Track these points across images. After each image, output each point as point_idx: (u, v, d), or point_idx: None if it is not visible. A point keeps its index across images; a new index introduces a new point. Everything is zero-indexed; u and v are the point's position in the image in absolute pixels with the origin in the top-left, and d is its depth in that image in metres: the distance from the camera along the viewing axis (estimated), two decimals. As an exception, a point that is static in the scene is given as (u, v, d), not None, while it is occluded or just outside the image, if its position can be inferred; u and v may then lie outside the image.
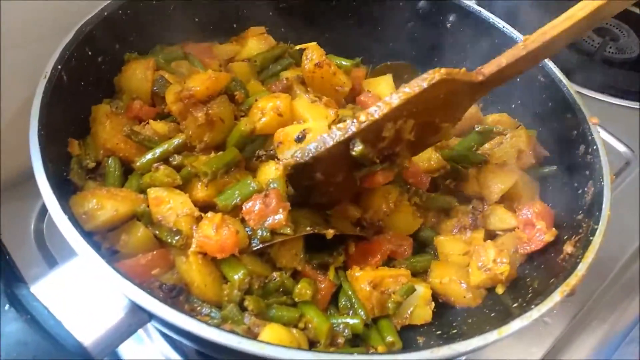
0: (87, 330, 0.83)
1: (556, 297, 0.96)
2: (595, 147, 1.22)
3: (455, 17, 1.57)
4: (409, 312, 1.18)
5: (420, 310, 1.19)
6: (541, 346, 1.40)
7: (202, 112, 1.20)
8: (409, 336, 1.19)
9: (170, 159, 1.19)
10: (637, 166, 1.83)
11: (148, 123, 1.25)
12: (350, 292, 1.17)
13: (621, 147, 1.89)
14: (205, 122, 1.20)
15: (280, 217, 1.08)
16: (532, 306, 0.94)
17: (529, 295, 1.10)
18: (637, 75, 2.14)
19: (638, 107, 2.04)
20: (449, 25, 1.59)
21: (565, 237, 1.17)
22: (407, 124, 1.09)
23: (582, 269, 1.01)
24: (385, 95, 1.44)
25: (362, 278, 1.17)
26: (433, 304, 1.21)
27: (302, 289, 1.10)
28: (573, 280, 0.99)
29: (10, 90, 1.35)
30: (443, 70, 1.04)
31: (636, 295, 1.55)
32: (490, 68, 1.12)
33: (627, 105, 2.05)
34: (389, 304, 1.15)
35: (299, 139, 1.18)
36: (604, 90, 2.08)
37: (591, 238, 1.06)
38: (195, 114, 1.20)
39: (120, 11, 1.33)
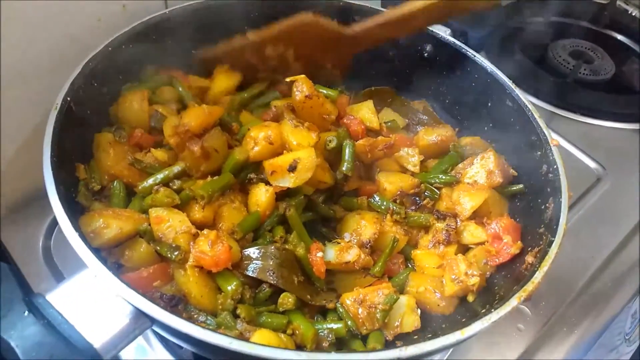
0: (96, 334, 0.92)
1: (514, 302, 1.06)
2: (555, 167, 1.33)
3: (431, 47, 1.70)
4: (398, 321, 1.24)
5: (409, 318, 1.25)
6: (515, 351, 1.49)
7: (197, 146, 1.29)
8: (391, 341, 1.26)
9: (170, 184, 1.28)
10: (608, 182, 1.94)
11: (149, 151, 1.35)
12: (341, 310, 1.24)
13: (593, 164, 2.00)
14: (201, 154, 1.29)
15: None
16: (492, 310, 1.04)
17: (495, 302, 1.18)
18: (610, 96, 2.25)
19: (609, 125, 2.17)
20: (426, 54, 1.72)
21: (528, 249, 1.28)
22: (288, 51, 1.51)
23: (538, 277, 1.11)
24: (366, 118, 1.56)
25: (345, 297, 1.25)
26: (419, 310, 1.28)
27: (285, 298, 1.19)
28: (529, 287, 1.09)
29: (20, 118, 1.45)
30: (310, 17, 1.43)
31: (606, 303, 1.64)
32: (358, 27, 1.50)
33: (599, 124, 2.17)
34: (377, 315, 1.21)
35: (292, 168, 1.27)
36: (578, 110, 2.20)
37: (548, 249, 1.17)
38: (191, 148, 1.29)
39: (123, 46, 1.44)
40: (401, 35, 1.60)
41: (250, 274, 1.20)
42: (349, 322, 1.21)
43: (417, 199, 1.47)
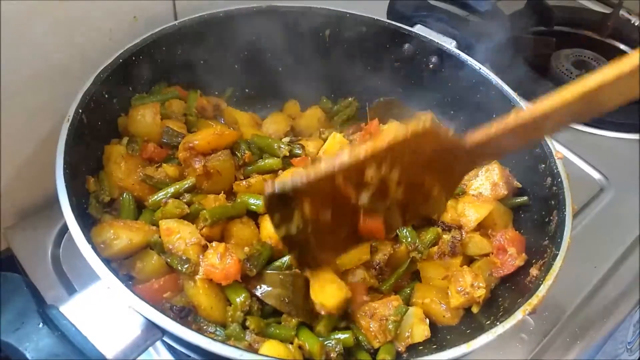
0: (109, 345, 0.94)
1: (519, 315, 1.07)
2: (559, 180, 1.34)
3: (436, 58, 1.72)
4: (408, 332, 1.25)
5: (418, 328, 1.26)
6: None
7: (200, 164, 1.31)
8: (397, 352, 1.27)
9: (181, 198, 1.30)
10: (610, 193, 1.94)
11: (160, 165, 1.37)
12: (352, 326, 1.25)
13: (596, 175, 2.00)
14: (202, 173, 1.31)
15: None
16: (497, 323, 1.06)
17: (500, 314, 1.21)
18: (612, 106, 2.26)
19: (613, 136, 2.17)
20: (431, 66, 1.73)
21: (533, 261, 1.29)
22: (392, 174, 1.06)
23: (542, 290, 1.12)
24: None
25: (355, 311, 1.25)
26: (428, 320, 1.29)
27: (288, 320, 1.20)
28: (534, 300, 1.10)
29: (29, 129, 1.47)
30: (429, 123, 1.01)
31: (609, 313, 1.64)
32: (478, 136, 1.06)
33: (602, 134, 2.17)
34: (389, 326, 1.22)
35: None
36: (581, 120, 2.21)
37: (552, 262, 1.18)
38: (193, 165, 1.31)
39: (133, 57, 1.46)
40: (527, 144, 1.34)
41: (258, 294, 1.20)
42: (360, 337, 1.22)
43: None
